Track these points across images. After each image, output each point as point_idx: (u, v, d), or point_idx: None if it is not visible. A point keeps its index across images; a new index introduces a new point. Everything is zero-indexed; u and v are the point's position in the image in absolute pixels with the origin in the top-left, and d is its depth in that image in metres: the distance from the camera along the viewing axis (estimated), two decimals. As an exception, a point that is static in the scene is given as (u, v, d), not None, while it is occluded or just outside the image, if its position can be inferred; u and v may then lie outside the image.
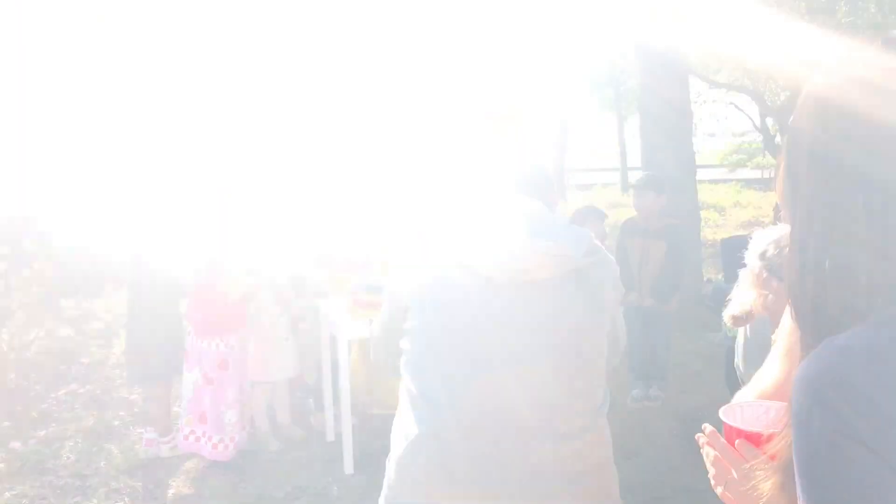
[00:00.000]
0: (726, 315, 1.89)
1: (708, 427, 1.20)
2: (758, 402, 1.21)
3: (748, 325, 2.38)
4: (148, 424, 4.72)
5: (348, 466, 4.31)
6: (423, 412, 1.77)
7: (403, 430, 1.81)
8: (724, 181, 22.35)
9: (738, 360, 2.41)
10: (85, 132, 8.08)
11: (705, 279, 6.87)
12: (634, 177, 6.47)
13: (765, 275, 1.73)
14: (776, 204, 1.92)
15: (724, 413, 1.15)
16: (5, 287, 5.64)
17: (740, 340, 2.45)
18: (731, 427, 1.12)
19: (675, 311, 5.43)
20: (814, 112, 0.89)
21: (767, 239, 1.85)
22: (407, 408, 1.82)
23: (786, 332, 1.24)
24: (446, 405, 1.75)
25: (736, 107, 16.55)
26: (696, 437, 1.21)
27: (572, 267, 1.80)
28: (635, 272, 5.23)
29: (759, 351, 2.38)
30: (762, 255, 1.74)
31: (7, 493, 4.14)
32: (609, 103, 21.67)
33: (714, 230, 13.12)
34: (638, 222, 5.27)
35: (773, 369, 1.26)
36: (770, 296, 1.73)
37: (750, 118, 15.95)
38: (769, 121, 13.56)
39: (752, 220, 15.00)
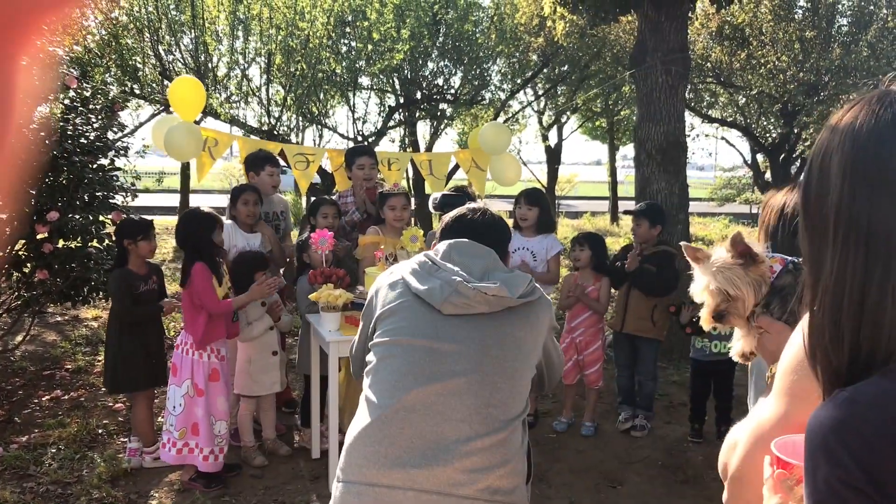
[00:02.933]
0: (735, 355, 1.88)
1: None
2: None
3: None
4: (131, 434, 4.70)
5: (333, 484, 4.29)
6: (371, 411, 2.18)
7: (355, 425, 2.20)
8: (713, 215, 22.56)
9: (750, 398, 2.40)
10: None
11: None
12: (626, 206, 6.59)
13: (764, 314, 1.73)
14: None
15: (776, 445, 1.12)
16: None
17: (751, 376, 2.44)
18: (775, 456, 1.10)
19: (663, 339, 5.48)
20: (839, 171, 0.92)
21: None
22: (362, 407, 2.23)
23: (783, 370, 1.25)
24: (387, 406, 2.14)
25: (727, 142, 16.72)
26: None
27: (508, 305, 2.25)
28: (623, 292, 5.35)
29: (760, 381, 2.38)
30: (777, 294, 1.73)
31: (-13, 498, 4.10)
32: (602, 133, 21.84)
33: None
34: (634, 249, 5.35)
35: (770, 407, 1.27)
36: (764, 333, 1.73)
37: (740, 153, 16.12)
38: (759, 157, 13.72)
39: (740, 254, 15.12)
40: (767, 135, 12.67)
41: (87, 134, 5.78)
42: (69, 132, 5.48)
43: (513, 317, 2.27)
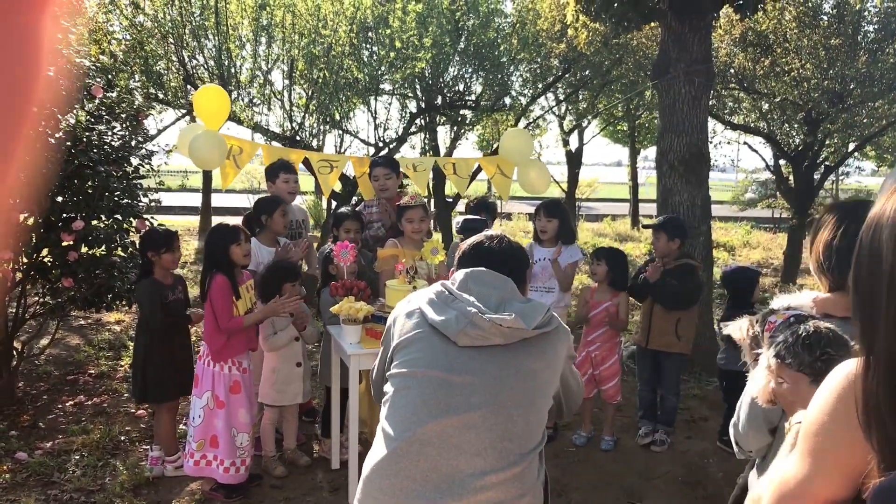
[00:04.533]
0: (761, 401, 1.91)
1: None
2: None
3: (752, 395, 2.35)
4: (153, 443, 4.75)
5: (353, 495, 4.30)
6: (387, 443, 2.20)
7: (371, 457, 2.24)
8: (735, 219, 22.39)
9: (739, 420, 2.36)
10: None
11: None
12: (646, 210, 6.53)
13: (781, 366, 1.77)
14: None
15: None
16: (20, 295, 5.69)
17: (746, 401, 2.39)
18: None
19: (689, 354, 5.45)
20: (891, 242, 0.92)
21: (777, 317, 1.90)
22: (378, 438, 2.26)
23: (806, 430, 1.25)
24: (402, 439, 2.16)
25: (750, 147, 16.57)
26: None
27: (524, 336, 2.24)
28: (646, 308, 5.34)
29: (756, 420, 2.35)
30: (789, 348, 1.77)
31: (12, 506, 4.16)
32: (623, 136, 21.76)
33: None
34: (656, 262, 5.33)
35: (794, 467, 1.27)
36: (785, 384, 1.77)
37: (762, 158, 15.97)
38: (782, 162, 13.59)
39: (762, 261, 15.01)
40: (791, 140, 12.56)
41: (112, 142, 5.83)
42: (94, 141, 5.53)
43: (529, 348, 2.27)
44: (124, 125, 5.92)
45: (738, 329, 2.16)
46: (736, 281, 5.31)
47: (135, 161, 6.00)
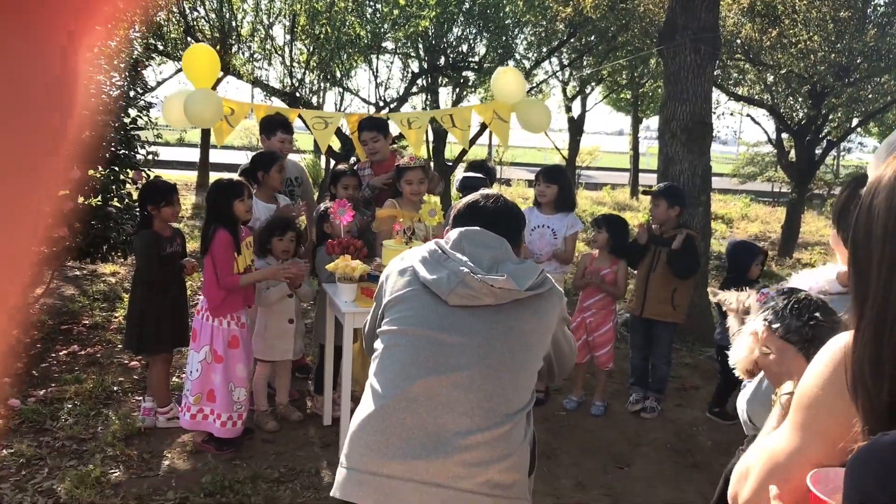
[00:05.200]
0: (740, 371, 1.89)
1: (774, 489, 1.20)
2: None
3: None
4: (146, 394, 4.76)
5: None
6: (374, 400, 2.21)
7: (359, 412, 2.25)
8: (734, 191, 22.35)
9: (745, 402, 2.34)
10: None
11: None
12: (646, 180, 6.51)
13: (768, 333, 1.75)
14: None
15: (812, 480, 1.11)
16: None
17: (752, 387, 2.37)
18: (819, 499, 1.08)
19: (682, 323, 5.45)
20: (886, 205, 0.91)
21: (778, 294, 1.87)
22: (366, 395, 2.26)
23: (798, 403, 1.24)
24: (390, 396, 2.16)
25: (752, 119, 16.48)
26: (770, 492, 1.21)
27: (516, 297, 2.24)
28: (642, 276, 5.32)
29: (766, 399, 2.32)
30: (777, 314, 1.74)
31: (4, 451, 4.18)
32: (626, 105, 21.62)
33: (721, 242, 13.11)
34: (653, 231, 5.31)
35: (785, 440, 1.26)
36: (771, 355, 1.74)
37: (765, 131, 15.89)
38: (784, 136, 13.53)
39: (760, 234, 15.02)
40: (794, 114, 12.49)
41: (110, 92, 5.77)
42: (92, 90, 5.47)
43: (520, 309, 2.26)
44: (123, 75, 5.85)
45: (736, 300, 2.13)
46: (737, 254, 5.30)
47: (133, 112, 5.95)
